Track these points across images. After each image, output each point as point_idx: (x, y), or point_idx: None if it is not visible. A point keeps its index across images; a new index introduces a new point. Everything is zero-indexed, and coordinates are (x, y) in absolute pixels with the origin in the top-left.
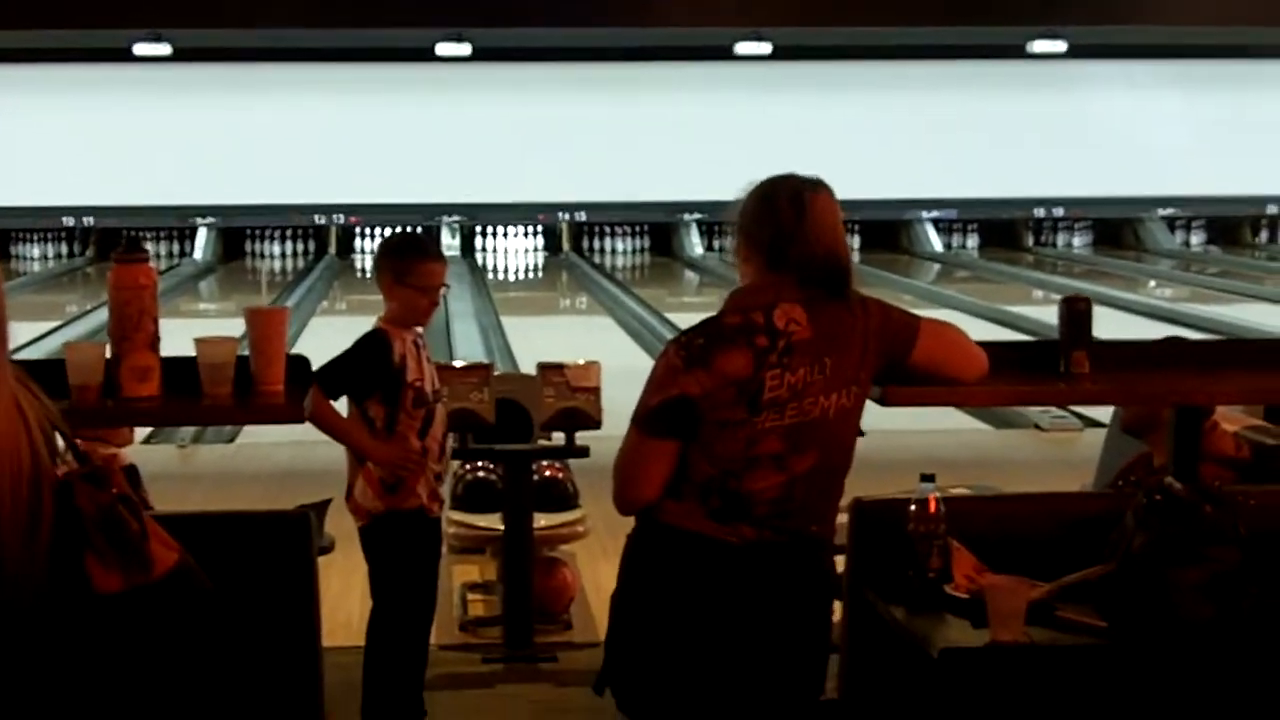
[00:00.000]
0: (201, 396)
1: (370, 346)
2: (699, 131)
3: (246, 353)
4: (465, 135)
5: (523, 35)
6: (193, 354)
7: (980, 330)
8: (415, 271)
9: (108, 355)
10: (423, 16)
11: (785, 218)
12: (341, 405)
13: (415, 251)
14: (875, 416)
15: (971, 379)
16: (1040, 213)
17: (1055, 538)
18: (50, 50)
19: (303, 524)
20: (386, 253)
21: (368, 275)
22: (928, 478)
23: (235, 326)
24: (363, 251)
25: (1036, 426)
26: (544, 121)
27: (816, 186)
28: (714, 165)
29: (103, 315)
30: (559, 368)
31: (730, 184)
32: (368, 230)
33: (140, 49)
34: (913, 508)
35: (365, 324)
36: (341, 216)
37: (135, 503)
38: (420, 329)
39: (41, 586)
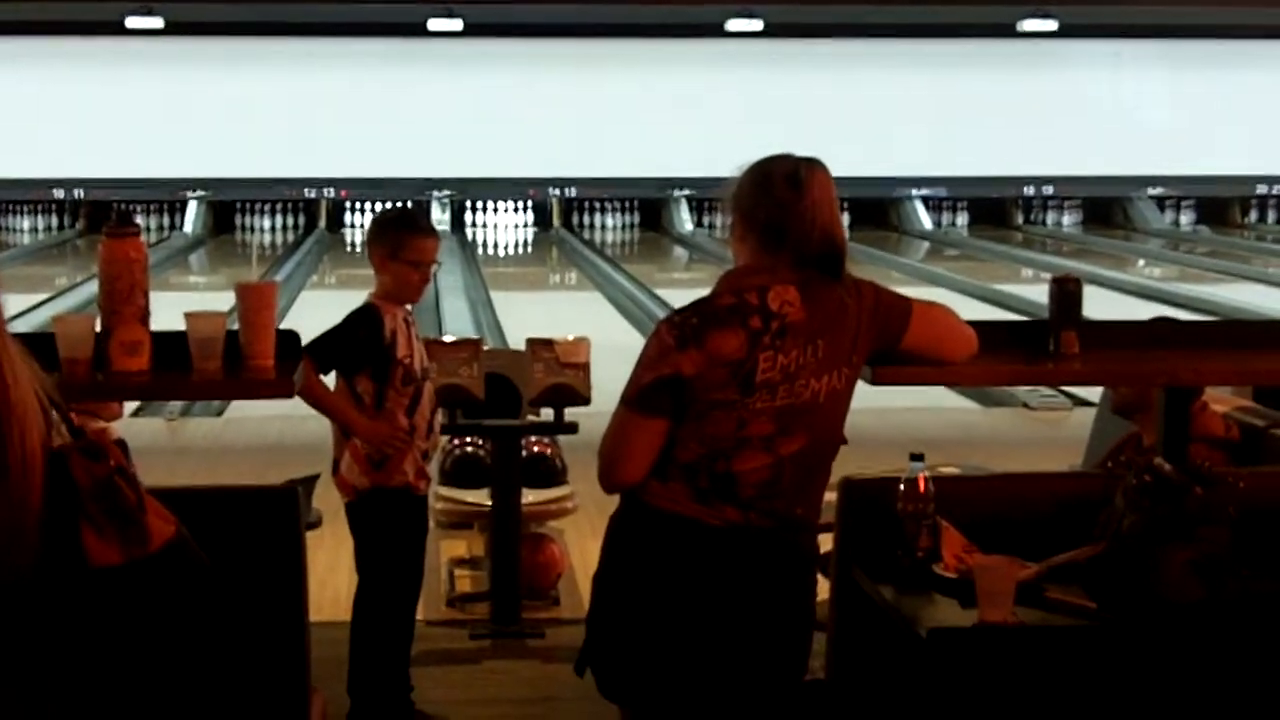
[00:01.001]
0: (191, 371)
1: (362, 321)
2: (689, 107)
3: (236, 327)
4: (456, 110)
5: (513, 11)
6: (182, 328)
7: (970, 309)
8: (408, 247)
9: (97, 329)
10: None
11: (782, 197)
12: (329, 381)
13: (408, 227)
14: (864, 395)
15: (962, 360)
16: (1030, 191)
17: (1044, 518)
18: (42, 23)
19: (290, 499)
20: (380, 228)
21: (358, 249)
22: (917, 457)
23: (225, 300)
24: (353, 225)
25: (1025, 405)
26: (535, 96)
27: (813, 166)
28: (704, 141)
29: (92, 288)
30: (548, 343)
31: (720, 160)
32: (358, 204)
33: (132, 22)
34: (902, 487)
35: (355, 298)
36: (332, 190)
37: (132, 475)
38: (410, 306)
39: (35, 559)
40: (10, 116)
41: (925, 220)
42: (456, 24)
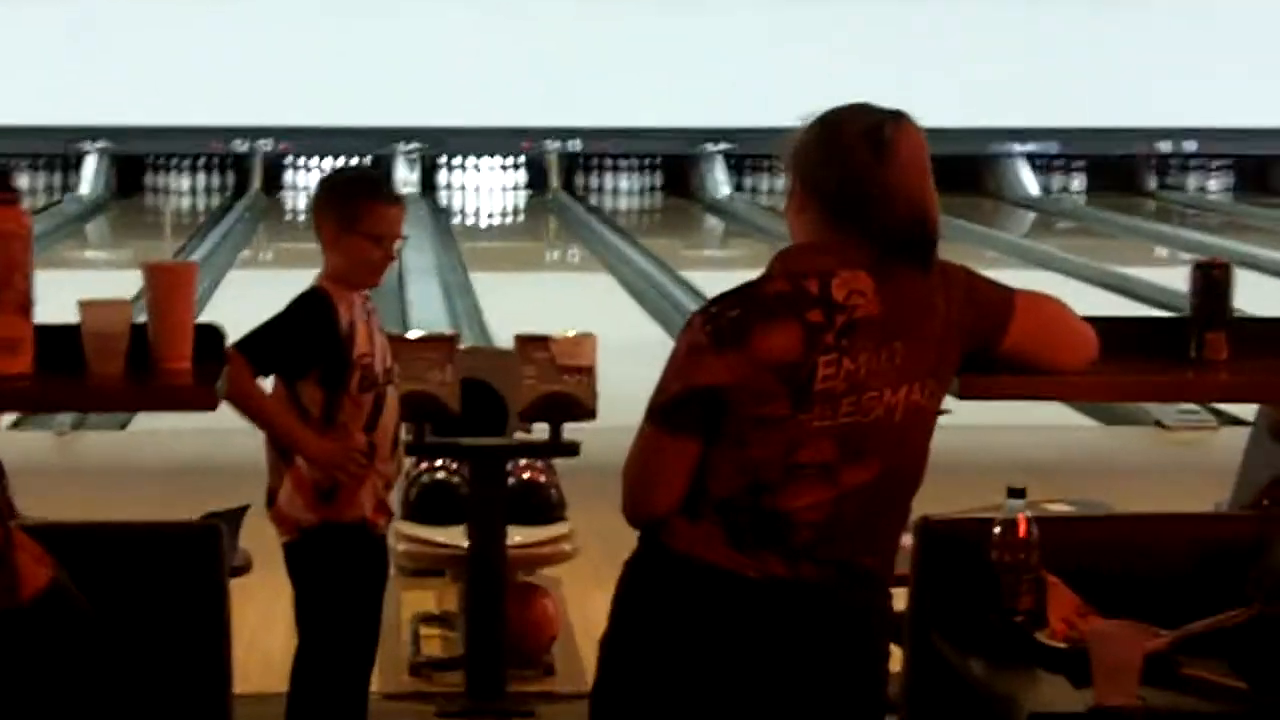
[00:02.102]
0: (86, 374)
1: (309, 311)
2: (725, 46)
3: (144, 319)
4: (429, 45)
5: None
6: (75, 320)
7: (1086, 300)
8: (366, 217)
9: None
10: None
11: (859, 160)
12: (266, 388)
13: (366, 191)
14: (949, 410)
15: (1077, 367)
16: (1165, 147)
17: (1181, 572)
18: None
19: (211, 538)
20: (330, 193)
21: (302, 218)
22: (1016, 493)
23: (130, 282)
24: (295, 187)
25: (1159, 424)
26: (528, 27)
27: (899, 121)
28: (745, 85)
29: None
30: (543, 341)
31: (766, 108)
32: (302, 160)
33: None
34: (997, 530)
35: (299, 281)
36: (269, 142)
37: (3, 508)
38: (369, 291)
39: None
40: None
41: (1031, 183)
42: None
